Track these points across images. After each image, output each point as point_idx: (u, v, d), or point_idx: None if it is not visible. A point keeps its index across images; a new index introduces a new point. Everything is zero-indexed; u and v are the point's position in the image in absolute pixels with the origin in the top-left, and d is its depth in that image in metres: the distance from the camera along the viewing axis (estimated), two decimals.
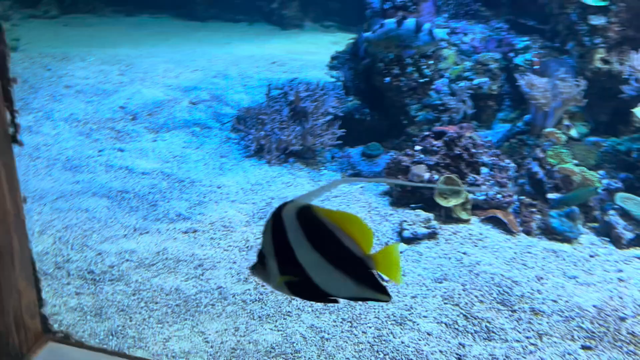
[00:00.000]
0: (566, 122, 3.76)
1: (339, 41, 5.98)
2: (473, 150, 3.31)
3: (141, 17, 8.30)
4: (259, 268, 0.98)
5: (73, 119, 3.76)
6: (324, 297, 0.96)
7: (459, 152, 3.27)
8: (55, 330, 1.53)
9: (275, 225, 0.93)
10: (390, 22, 3.50)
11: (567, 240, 2.95)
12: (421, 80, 3.85)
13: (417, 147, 3.41)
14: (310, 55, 6.68)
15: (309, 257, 0.92)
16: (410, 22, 3.45)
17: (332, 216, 0.91)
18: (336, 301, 0.98)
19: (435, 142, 3.36)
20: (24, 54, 5.08)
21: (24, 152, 3.17)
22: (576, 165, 3.28)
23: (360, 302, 2.12)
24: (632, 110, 3.78)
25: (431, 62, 3.85)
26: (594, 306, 2.29)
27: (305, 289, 0.96)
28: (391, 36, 3.49)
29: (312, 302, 2.08)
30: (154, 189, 3.00)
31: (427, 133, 3.46)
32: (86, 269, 2.20)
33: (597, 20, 3.48)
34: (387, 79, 3.82)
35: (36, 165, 3.04)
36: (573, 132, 3.76)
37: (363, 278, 0.93)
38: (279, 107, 3.84)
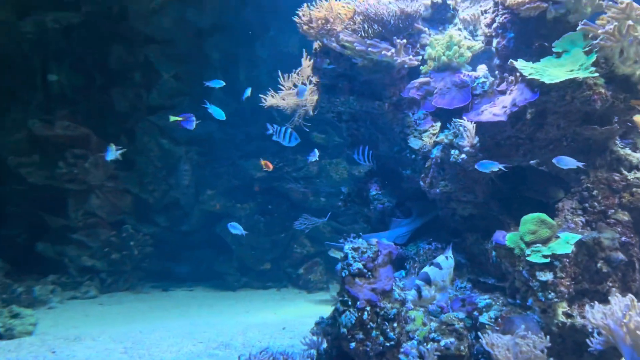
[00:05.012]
0: None
1: None
2: None
3: (176, 291, 8.90)
4: None
5: None
6: None
7: None
8: None
9: None
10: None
11: None
12: (387, 344, 3.82)
13: None
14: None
15: None
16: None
17: None
18: None
19: None
20: (37, 338, 5.48)
21: None
22: None
23: None
24: None
25: (395, 324, 3.86)
26: None
27: None
28: None
29: None
30: None
31: None
32: None
33: (544, 277, 3.50)
34: (352, 344, 3.82)
35: None
36: None
37: None
38: None
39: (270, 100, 5.17)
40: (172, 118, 5.24)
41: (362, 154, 4.32)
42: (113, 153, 5.05)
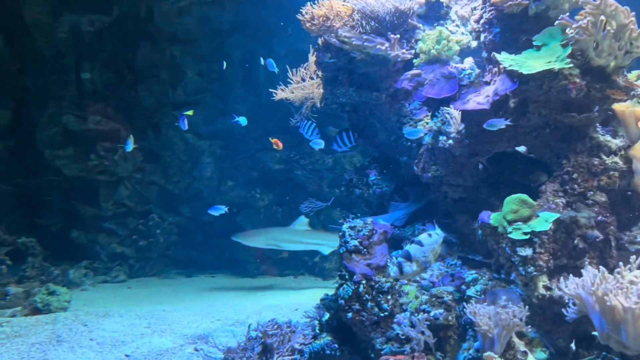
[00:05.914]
0: (522, 348, 3.83)
1: None
2: None
3: (199, 277, 9.40)
4: None
5: None
6: None
7: None
8: None
9: None
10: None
11: None
12: (382, 315, 4.17)
13: None
14: None
15: None
16: None
17: None
18: None
19: None
20: (71, 313, 6.01)
21: None
22: None
23: None
24: (593, 333, 3.82)
25: (389, 297, 4.21)
26: None
27: None
28: None
29: None
30: None
31: None
32: None
33: (524, 252, 3.80)
34: (349, 314, 4.18)
35: None
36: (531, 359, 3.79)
37: None
38: (252, 346, 4.23)
39: (280, 93, 5.56)
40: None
41: (342, 140, 4.68)
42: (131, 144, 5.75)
